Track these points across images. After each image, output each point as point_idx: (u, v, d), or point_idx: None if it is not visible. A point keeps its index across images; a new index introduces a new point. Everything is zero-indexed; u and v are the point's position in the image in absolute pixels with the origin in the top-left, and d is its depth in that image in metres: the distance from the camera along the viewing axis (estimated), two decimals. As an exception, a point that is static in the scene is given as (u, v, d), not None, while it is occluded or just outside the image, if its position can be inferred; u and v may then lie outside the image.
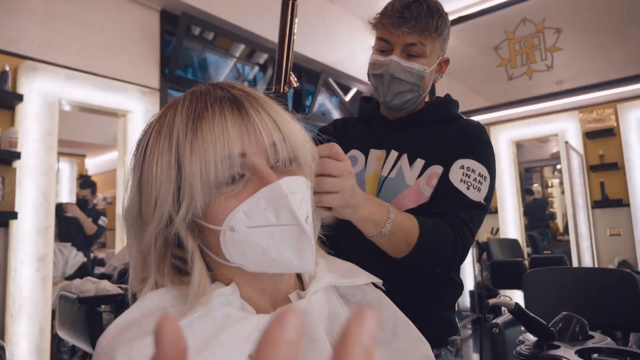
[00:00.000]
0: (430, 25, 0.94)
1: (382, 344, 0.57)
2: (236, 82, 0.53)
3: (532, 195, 7.09)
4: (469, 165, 0.92)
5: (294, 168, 0.50)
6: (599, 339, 0.82)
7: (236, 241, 0.47)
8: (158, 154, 0.48)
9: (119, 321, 0.46)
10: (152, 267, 0.50)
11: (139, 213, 0.50)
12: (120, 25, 2.97)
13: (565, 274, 1.87)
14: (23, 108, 2.43)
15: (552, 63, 4.61)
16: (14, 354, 2.26)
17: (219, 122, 0.46)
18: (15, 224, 2.34)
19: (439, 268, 0.86)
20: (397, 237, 0.78)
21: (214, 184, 0.45)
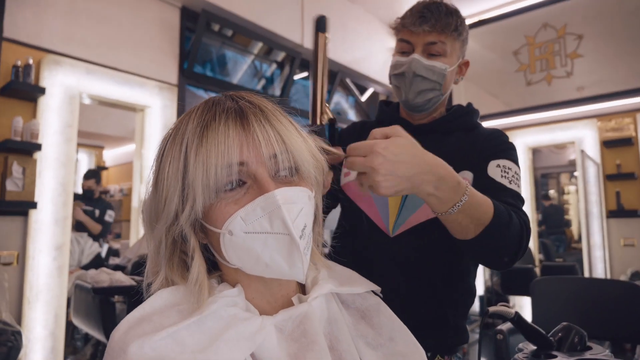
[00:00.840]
0: (450, 24, 0.97)
1: (379, 348, 0.59)
2: (253, 94, 0.56)
3: (549, 200, 7.01)
4: (504, 164, 0.93)
5: (295, 179, 0.53)
6: (597, 350, 0.83)
7: (234, 244, 0.50)
8: (171, 157, 0.52)
9: (132, 316, 0.49)
10: (163, 261, 0.54)
11: (153, 209, 0.54)
12: (141, 21, 3.03)
13: (573, 283, 1.86)
14: (45, 101, 2.50)
15: (572, 69, 4.55)
16: (30, 339, 2.33)
17: (222, 132, 0.49)
18: (34, 214, 2.42)
19: (506, 256, 0.81)
20: (467, 217, 0.73)
21: (214, 189, 0.49)
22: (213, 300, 0.50)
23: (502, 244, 0.79)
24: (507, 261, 0.82)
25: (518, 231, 0.80)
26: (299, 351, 0.51)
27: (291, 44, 3.90)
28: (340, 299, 0.62)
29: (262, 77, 4.26)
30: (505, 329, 1.56)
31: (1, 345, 2.02)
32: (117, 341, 0.46)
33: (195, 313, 0.48)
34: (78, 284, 2.16)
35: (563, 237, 6.71)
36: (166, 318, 0.48)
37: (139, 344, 0.44)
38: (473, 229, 0.75)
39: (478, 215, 0.74)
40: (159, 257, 0.55)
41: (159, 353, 0.44)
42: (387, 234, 0.97)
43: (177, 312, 0.49)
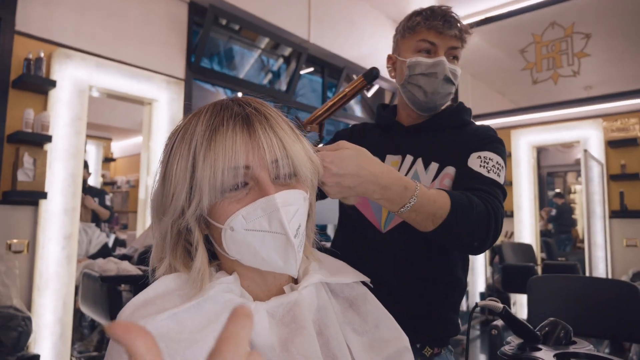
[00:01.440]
0: (465, 31, 1.03)
1: (365, 334, 0.64)
2: (257, 99, 0.61)
3: (562, 198, 7.00)
4: (485, 155, 0.96)
5: (293, 182, 0.58)
6: (581, 345, 0.86)
7: (234, 239, 0.55)
8: (179, 155, 0.56)
9: (137, 299, 0.54)
10: (168, 249, 0.59)
11: (160, 202, 0.59)
12: (149, 16, 3.07)
13: (571, 282, 1.89)
14: (55, 93, 2.56)
15: (579, 69, 4.53)
16: (39, 325, 2.40)
17: (230, 137, 0.54)
18: (44, 204, 2.48)
19: (475, 241, 0.85)
20: (421, 214, 0.79)
21: (220, 189, 0.54)
22: (211, 286, 0.55)
23: (464, 232, 0.83)
24: (477, 245, 0.86)
25: (484, 217, 0.83)
26: (288, 335, 0.55)
27: (298, 39, 3.93)
28: (329, 288, 0.67)
29: (268, 72, 4.29)
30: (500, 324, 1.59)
31: (12, 330, 2.09)
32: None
33: (195, 297, 0.53)
34: (86, 272, 2.22)
35: (570, 236, 6.73)
36: (168, 301, 0.53)
37: (142, 323, 0.49)
38: (431, 223, 0.80)
39: (432, 211, 0.79)
40: (164, 246, 0.59)
41: (161, 332, 0.49)
42: (380, 230, 1.02)
43: (178, 297, 0.54)
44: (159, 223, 0.59)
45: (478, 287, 5.08)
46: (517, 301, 4.74)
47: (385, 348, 0.63)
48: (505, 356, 0.85)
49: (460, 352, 4.05)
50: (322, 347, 0.57)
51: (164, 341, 0.48)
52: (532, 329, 0.88)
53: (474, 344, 4.26)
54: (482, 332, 4.62)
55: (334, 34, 4.29)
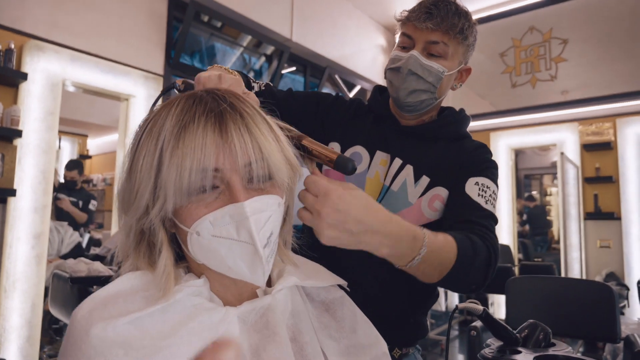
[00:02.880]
0: (455, 25, 0.92)
1: (342, 340, 0.61)
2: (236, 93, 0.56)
3: (533, 201, 7.14)
4: (483, 182, 0.91)
5: (267, 186, 0.53)
6: (560, 347, 0.86)
7: (201, 244, 0.51)
8: (145, 151, 0.52)
9: (97, 295, 0.50)
10: (131, 247, 0.55)
11: (124, 198, 0.55)
12: (128, 10, 2.99)
13: (547, 283, 1.91)
14: (27, 87, 2.46)
15: (557, 73, 4.63)
16: (6, 328, 2.31)
17: (200, 136, 0.49)
18: (13, 201, 2.38)
19: (474, 284, 0.80)
20: (429, 265, 0.71)
21: (186, 192, 0.49)
22: (178, 289, 0.51)
23: (467, 279, 0.78)
24: (475, 288, 0.82)
25: (485, 261, 0.79)
26: (260, 342, 0.52)
27: (280, 37, 3.89)
28: (305, 292, 0.64)
29: (250, 70, 4.24)
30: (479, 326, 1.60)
31: (-24, 334, 2.00)
32: (79, 320, 0.47)
33: (160, 301, 0.49)
34: (56, 273, 2.14)
35: (546, 237, 6.86)
36: (131, 303, 0.49)
37: (102, 326, 0.45)
38: (437, 274, 0.74)
39: (440, 260, 0.72)
40: (128, 244, 0.55)
41: (122, 337, 0.45)
42: None
43: (142, 298, 0.50)
44: (123, 219, 0.55)
45: (457, 288, 5.12)
46: (495, 301, 4.80)
47: (362, 354, 0.61)
48: (485, 359, 0.84)
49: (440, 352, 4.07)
50: (296, 354, 0.54)
51: (123, 348, 0.45)
52: (512, 331, 0.87)
53: (452, 345, 4.30)
54: (460, 332, 4.67)
55: (317, 33, 4.27)
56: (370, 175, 0.98)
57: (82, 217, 3.73)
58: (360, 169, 0.98)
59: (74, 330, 0.46)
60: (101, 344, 0.44)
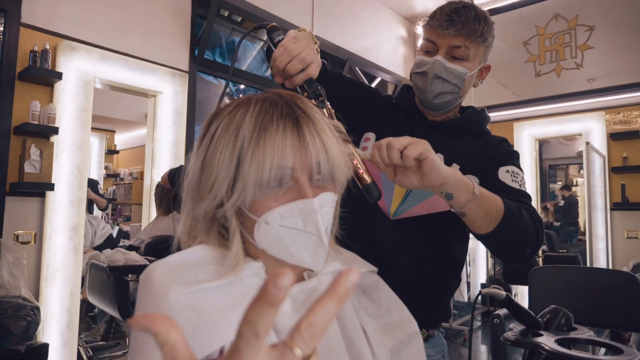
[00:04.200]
0: (476, 30, 0.99)
1: (379, 319, 0.67)
2: (298, 96, 0.63)
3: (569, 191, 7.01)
4: (513, 170, 0.99)
5: (328, 184, 0.60)
6: (581, 331, 0.89)
7: (267, 233, 0.58)
8: (223, 145, 0.57)
9: (172, 259, 0.57)
10: (202, 231, 0.62)
11: (197, 186, 0.60)
12: (153, 8, 3.08)
13: (570, 272, 1.91)
14: (61, 85, 2.57)
15: (582, 61, 4.52)
16: (47, 314, 2.44)
17: (280, 138, 0.55)
18: (51, 195, 2.51)
19: (527, 247, 0.88)
20: (480, 212, 0.81)
21: (264, 187, 0.56)
22: (243, 268, 0.58)
23: (518, 237, 0.85)
24: (529, 252, 0.88)
25: (531, 223, 0.87)
26: None
27: (301, 31, 3.92)
28: None
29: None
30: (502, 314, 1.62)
31: (21, 320, 2.13)
32: (157, 279, 0.54)
33: (229, 276, 0.56)
34: (93, 263, 2.26)
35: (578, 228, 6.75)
36: (201, 272, 0.56)
37: (178, 290, 0.52)
38: (487, 224, 0.82)
39: (489, 209, 0.82)
40: (198, 227, 0.62)
41: (194, 303, 0.52)
42: (388, 217, 1.04)
43: (211, 271, 0.57)
44: (194, 207, 0.61)
45: (480, 279, 5.11)
46: (519, 292, 4.77)
47: (397, 332, 0.67)
48: (508, 341, 0.87)
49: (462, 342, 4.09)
50: (340, 329, 0.60)
51: (196, 312, 0.51)
52: (534, 315, 0.90)
53: (475, 335, 4.31)
54: (483, 322, 4.66)
55: (337, 25, 4.29)
56: None
57: (102, 203, 3.94)
58: None
59: (152, 288, 0.53)
60: (177, 306, 0.51)
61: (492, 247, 0.93)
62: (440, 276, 1.04)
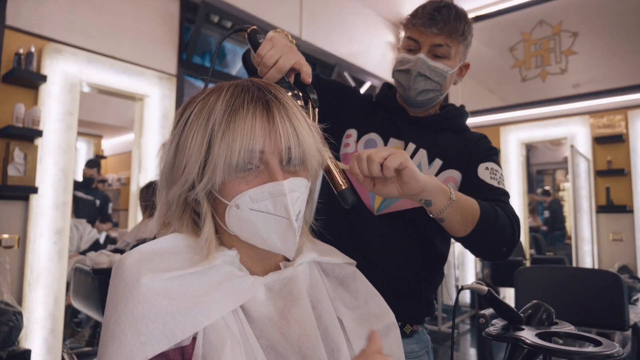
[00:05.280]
0: (457, 28, 1.02)
1: (356, 309, 0.67)
2: (275, 85, 0.63)
3: (549, 196, 7.10)
4: (492, 167, 1.02)
5: (300, 170, 0.61)
6: (562, 325, 0.90)
7: (238, 216, 0.58)
8: (195, 129, 0.58)
9: (144, 248, 0.57)
10: (174, 216, 0.62)
11: (171, 171, 0.61)
12: (142, 12, 3.07)
13: (555, 272, 1.93)
14: (46, 88, 2.55)
15: (567, 66, 4.61)
16: (31, 320, 2.40)
17: (249, 121, 0.56)
18: (35, 199, 2.47)
19: (504, 245, 0.91)
20: (456, 216, 0.83)
21: (234, 169, 0.56)
22: (216, 256, 0.58)
23: (496, 236, 0.88)
24: (506, 250, 0.92)
25: (507, 222, 0.90)
26: (285, 306, 0.59)
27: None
28: (321, 268, 0.70)
29: (260, 69, 4.30)
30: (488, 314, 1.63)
31: (3, 325, 2.09)
32: (129, 267, 0.53)
33: (202, 263, 0.56)
34: (78, 267, 2.23)
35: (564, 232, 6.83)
36: (175, 260, 0.56)
37: (150, 277, 0.52)
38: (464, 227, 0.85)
39: (466, 212, 0.84)
40: (170, 214, 0.62)
41: (166, 290, 0.52)
42: (372, 212, 1.05)
43: (184, 259, 0.57)
44: (167, 191, 0.61)
45: (468, 282, 5.14)
46: (507, 295, 4.81)
47: (374, 322, 0.67)
48: (490, 336, 0.88)
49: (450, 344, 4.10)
50: (316, 319, 0.60)
51: (168, 299, 0.51)
52: (516, 311, 0.91)
53: (463, 338, 4.32)
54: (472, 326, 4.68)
55: (326, 31, 4.31)
56: None
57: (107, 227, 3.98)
58: None
59: (124, 276, 0.53)
60: (148, 293, 0.51)
61: (470, 248, 0.95)
62: (424, 270, 1.05)
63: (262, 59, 0.76)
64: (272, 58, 0.76)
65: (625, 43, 4.36)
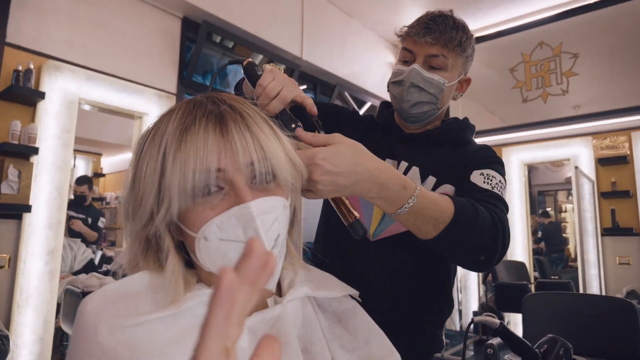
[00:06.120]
0: (453, 38, 0.96)
1: (355, 351, 0.60)
2: (232, 95, 0.56)
3: (548, 218, 7.02)
4: (488, 173, 0.91)
5: (272, 186, 0.53)
6: (581, 362, 0.83)
7: (208, 250, 0.51)
8: (149, 157, 0.52)
9: (109, 288, 0.50)
10: (138, 254, 0.55)
11: (128, 207, 0.54)
12: (142, 31, 3.07)
13: (565, 299, 1.86)
14: (44, 105, 2.52)
15: (568, 88, 4.60)
16: (18, 344, 2.31)
17: (201, 137, 0.49)
18: (28, 217, 2.41)
19: (482, 254, 0.78)
20: (420, 217, 0.72)
21: (191, 194, 0.49)
22: (190, 297, 0.51)
23: (471, 241, 0.75)
24: (484, 260, 0.78)
25: (490, 227, 0.77)
26: None
27: (291, 56, 3.95)
28: (317, 303, 0.62)
29: (261, 88, 4.29)
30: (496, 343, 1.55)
31: (-12, 350, 2.00)
32: (89, 313, 0.46)
33: (172, 307, 0.49)
34: (69, 288, 2.15)
35: (562, 255, 6.71)
36: (141, 303, 0.49)
37: (110, 326, 0.45)
38: (432, 228, 0.73)
39: (435, 215, 0.72)
40: (134, 252, 0.55)
41: (129, 339, 0.45)
42: (368, 239, 0.99)
43: (153, 300, 0.50)
44: (129, 228, 0.55)
45: (471, 307, 5.02)
46: (512, 320, 4.69)
47: None
48: (504, 374, 0.81)
49: (454, 372, 3.97)
50: None
51: (129, 350, 0.44)
52: (531, 346, 0.84)
53: (467, 365, 4.19)
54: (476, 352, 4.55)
55: (327, 51, 4.32)
56: None
57: (92, 236, 3.79)
58: None
59: (83, 323, 0.46)
60: (108, 344, 0.44)
61: (439, 252, 0.82)
62: (425, 301, 0.97)
63: (264, 89, 0.73)
64: (275, 89, 0.73)
65: (626, 64, 4.36)
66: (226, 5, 3.38)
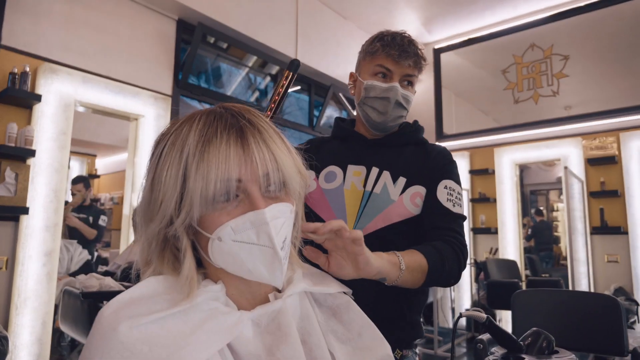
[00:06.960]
0: (422, 60, 1.13)
1: (348, 342, 0.65)
2: (246, 107, 0.61)
3: (541, 216, 7.10)
4: (450, 185, 1.08)
5: (282, 195, 0.59)
6: (563, 354, 0.88)
7: (222, 250, 0.55)
8: (170, 163, 0.56)
9: (122, 297, 0.54)
10: (154, 254, 0.59)
11: (147, 208, 0.58)
12: (138, 33, 3.09)
13: (553, 296, 1.91)
14: (40, 108, 2.54)
15: (558, 89, 4.67)
16: (16, 344, 2.33)
17: (223, 150, 0.54)
18: (25, 219, 2.43)
19: (452, 280, 0.99)
20: (410, 278, 0.89)
21: (211, 201, 0.54)
22: (199, 293, 0.55)
23: (443, 279, 0.96)
24: (454, 282, 1.01)
25: (455, 262, 0.97)
26: (273, 342, 0.56)
27: (285, 57, 3.98)
28: (313, 298, 0.68)
29: (255, 90, 4.33)
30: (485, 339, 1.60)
31: (-13, 350, 2.02)
32: (106, 318, 0.50)
33: (182, 303, 0.53)
34: (67, 289, 2.17)
35: (551, 253, 6.80)
36: (154, 304, 0.53)
37: (128, 324, 0.49)
38: (419, 281, 0.92)
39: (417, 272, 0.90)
40: (151, 251, 0.59)
41: (146, 335, 0.49)
42: None
43: (165, 300, 0.54)
44: (146, 228, 0.59)
45: (464, 304, 5.08)
46: (503, 318, 4.75)
47: (368, 356, 0.64)
48: (490, 366, 0.86)
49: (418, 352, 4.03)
50: (306, 354, 0.57)
51: (148, 345, 0.48)
52: (516, 339, 0.89)
53: (460, 362, 4.25)
54: (468, 349, 4.61)
55: (321, 53, 4.36)
56: (347, 187, 1.12)
57: (91, 233, 3.77)
58: (336, 184, 1.13)
59: (100, 327, 0.50)
60: (128, 340, 0.48)
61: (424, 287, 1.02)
62: (404, 293, 1.04)
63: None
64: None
65: (616, 66, 4.44)
66: (221, 7, 3.41)
